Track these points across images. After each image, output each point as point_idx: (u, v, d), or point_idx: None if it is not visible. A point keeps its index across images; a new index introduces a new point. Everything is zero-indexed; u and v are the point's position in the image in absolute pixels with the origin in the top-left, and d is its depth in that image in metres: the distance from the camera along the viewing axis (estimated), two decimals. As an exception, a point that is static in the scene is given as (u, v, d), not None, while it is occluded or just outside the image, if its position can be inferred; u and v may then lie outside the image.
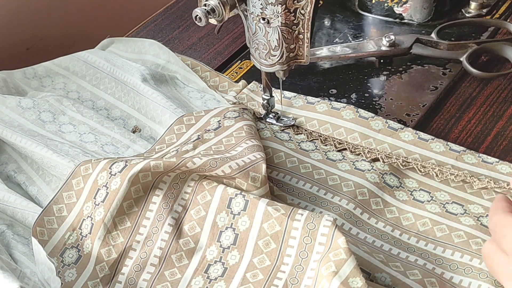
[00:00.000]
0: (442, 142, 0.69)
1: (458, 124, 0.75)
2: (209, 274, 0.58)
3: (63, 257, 0.60)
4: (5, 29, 0.96)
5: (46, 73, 0.83)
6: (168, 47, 0.86)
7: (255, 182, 0.61)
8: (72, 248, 0.61)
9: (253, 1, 0.64)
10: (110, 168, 0.62)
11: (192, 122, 0.71)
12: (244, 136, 0.67)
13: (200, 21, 0.66)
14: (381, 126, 0.71)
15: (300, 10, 0.64)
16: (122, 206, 0.61)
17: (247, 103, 0.77)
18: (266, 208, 0.58)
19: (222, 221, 0.60)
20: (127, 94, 0.78)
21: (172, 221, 0.61)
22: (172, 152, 0.66)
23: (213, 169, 0.61)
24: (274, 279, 0.56)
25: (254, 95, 0.78)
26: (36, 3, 0.98)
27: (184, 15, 0.96)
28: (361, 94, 0.79)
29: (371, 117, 0.72)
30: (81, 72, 0.82)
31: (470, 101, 0.77)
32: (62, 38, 1.01)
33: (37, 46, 1.00)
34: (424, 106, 0.76)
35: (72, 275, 0.59)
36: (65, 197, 0.63)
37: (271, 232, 0.58)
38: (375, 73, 0.82)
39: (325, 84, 0.81)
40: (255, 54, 0.69)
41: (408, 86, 0.80)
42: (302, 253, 0.56)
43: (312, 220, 0.57)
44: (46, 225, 0.61)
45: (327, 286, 0.51)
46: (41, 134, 0.72)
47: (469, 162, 0.68)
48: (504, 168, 0.67)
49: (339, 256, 0.53)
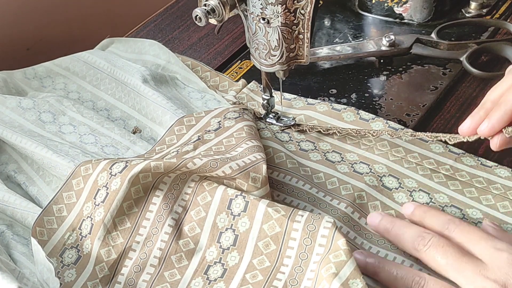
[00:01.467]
0: (442, 144, 0.69)
1: (458, 124, 0.74)
2: (208, 275, 0.58)
3: (63, 257, 0.60)
4: (5, 29, 0.95)
5: (47, 73, 0.83)
6: (168, 47, 0.86)
7: (255, 183, 0.61)
8: (71, 248, 0.60)
9: (253, 1, 0.64)
10: (111, 169, 0.61)
11: (192, 123, 0.70)
12: (244, 137, 0.67)
13: (200, 21, 0.66)
14: (381, 127, 0.71)
15: (300, 10, 0.64)
16: (122, 207, 0.61)
17: (246, 103, 0.77)
18: (266, 209, 0.58)
19: (222, 222, 0.60)
20: (127, 95, 0.78)
21: (172, 221, 0.61)
22: (173, 152, 0.66)
23: (214, 169, 0.61)
24: (274, 280, 0.56)
25: (254, 95, 0.78)
26: (36, 3, 0.98)
27: (184, 15, 0.96)
28: (361, 94, 0.79)
29: (371, 118, 0.72)
30: (81, 73, 0.82)
31: (470, 101, 0.77)
32: (62, 38, 1.01)
33: (37, 46, 1.00)
34: (424, 106, 0.76)
35: (71, 276, 0.59)
36: (65, 197, 0.63)
37: (271, 233, 0.58)
38: (375, 73, 0.82)
39: (325, 84, 0.81)
40: (255, 54, 0.69)
41: (408, 86, 0.80)
42: (302, 254, 0.56)
43: (312, 221, 0.57)
44: (45, 225, 0.61)
45: (327, 287, 0.51)
46: (41, 135, 0.72)
47: (468, 164, 0.68)
48: (502, 172, 0.67)
49: (339, 257, 0.53)
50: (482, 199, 0.65)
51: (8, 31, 0.96)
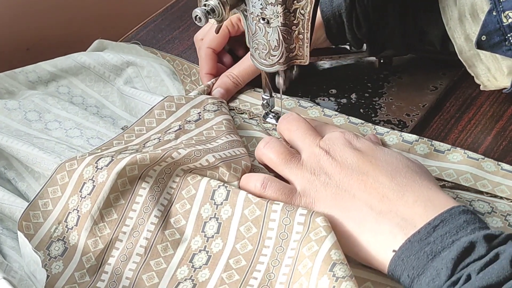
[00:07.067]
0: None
1: (458, 124, 0.75)
2: (193, 263, 0.59)
3: (50, 250, 0.61)
4: (5, 29, 0.96)
5: (33, 68, 0.83)
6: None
7: (236, 172, 0.63)
8: (58, 240, 0.61)
9: (253, 1, 0.64)
10: (96, 163, 0.63)
11: (172, 109, 0.72)
12: (224, 131, 0.69)
13: (200, 21, 0.66)
14: (369, 132, 0.72)
15: (300, 10, 0.64)
16: (109, 198, 0.62)
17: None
18: (247, 195, 0.60)
19: (206, 212, 0.61)
20: (117, 97, 0.80)
21: (158, 213, 0.62)
22: (154, 140, 0.68)
23: (198, 158, 0.62)
24: (257, 264, 0.58)
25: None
26: (36, 3, 0.98)
27: (184, 15, 0.96)
28: (361, 94, 0.79)
29: (360, 123, 0.73)
30: (71, 71, 0.83)
31: (470, 101, 0.77)
32: (62, 38, 1.01)
33: (37, 46, 1.00)
34: (424, 106, 0.76)
35: (59, 267, 0.60)
36: (50, 191, 0.64)
37: (251, 217, 0.59)
38: (375, 73, 0.82)
39: (325, 84, 0.81)
40: (255, 54, 0.69)
41: (408, 86, 0.80)
42: (282, 234, 0.58)
43: None
44: (32, 220, 0.62)
45: (311, 265, 0.53)
46: (28, 133, 0.73)
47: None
48: (455, 157, 0.68)
49: (319, 234, 0.54)
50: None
51: (8, 31, 0.96)
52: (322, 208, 0.58)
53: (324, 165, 0.60)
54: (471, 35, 0.72)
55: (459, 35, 0.73)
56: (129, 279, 0.59)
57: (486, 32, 0.68)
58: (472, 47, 0.71)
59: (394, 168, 0.58)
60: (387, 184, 0.57)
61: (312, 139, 0.63)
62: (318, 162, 0.61)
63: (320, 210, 0.58)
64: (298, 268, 0.54)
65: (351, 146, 0.61)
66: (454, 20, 0.73)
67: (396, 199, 0.56)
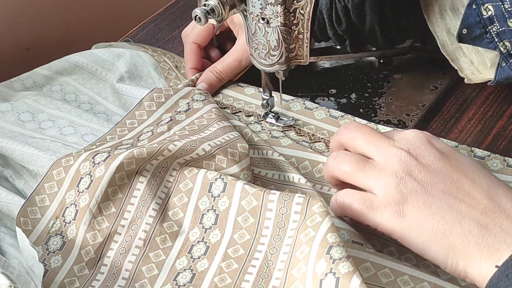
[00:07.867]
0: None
1: (458, 124, 0.75)
2: (192, 254, 0.60)
3: (48, 245, 0.61)
4: (5, 29, 0.96)
5: (29, 75, 0.83)
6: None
7: (234, 157, 0.64)
8: (56, 235, 0.62)
9: (252, 1, 0.64)
10: (93, 158, 0.63)
11: (162, 100, 0.73)
12: (214, 118, 0.70)
13: (200, 21, 0.66)
14: (323, 116, 0.73)
15: (299, 10, 0.64)
16: (107, 192, 0.62)
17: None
18: (243, 186, 0.60)
19: (204, 204, 0.62)
20: (110, 93, 0.81)
21: (156, 206, 0.62)
22: (147, 133, 0.69)
23: (194, 149, 0.63)
24: (255, 253, 0.58)
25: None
26: (36, 4, 0.98)
27: (184, 15, 0.96)
28: (361, 94, 0.79)
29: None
30: (65, 72, 0.84)
31: (470, 101, 0.77)
32: (62, 38, 1.01)
33: (37, 46, 1.00)
34: (424, 106, 0.76)
35: (57, 261, 0.60)
36: (46, 187, 0.64)
37: (248, 208, 0.60)
38: (375, 73, 0.82)
39: (325, 84, 0.81)
40: (255, 54, 0.69)
41: (408, 86, 0.80)
42: (279, 223, 0.58)
43: (287, 191, 0.60)
44: (29, 215, 0.63)
45: (308, 250, 0.53)
46: (22, 133, 0.73)
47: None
48: None
49: (315, 220, 0.54)
50: None
51: (8, 31, 0.96)
52: (415, 218, 0.54)
53: (407, 167, 0.55)
54: (452, 29, 0.72)
55: (441, 29, 0.73)
56: (128, 271, 0.59)
57: (466, 26, 0.68)
58: (454, 41, 0.71)
59: (481, 175, 0.55)
60: (482, 193, 0.54)
61: (385, 140, 0.58)
62: (399, 163, 0.55)
63: (412, 220, 0.54)
64: (296, 254, 0.54)
65: (432, 146, 0.57)
66: (435, 15, 0.73)
67: (497, 212, 0.53)
